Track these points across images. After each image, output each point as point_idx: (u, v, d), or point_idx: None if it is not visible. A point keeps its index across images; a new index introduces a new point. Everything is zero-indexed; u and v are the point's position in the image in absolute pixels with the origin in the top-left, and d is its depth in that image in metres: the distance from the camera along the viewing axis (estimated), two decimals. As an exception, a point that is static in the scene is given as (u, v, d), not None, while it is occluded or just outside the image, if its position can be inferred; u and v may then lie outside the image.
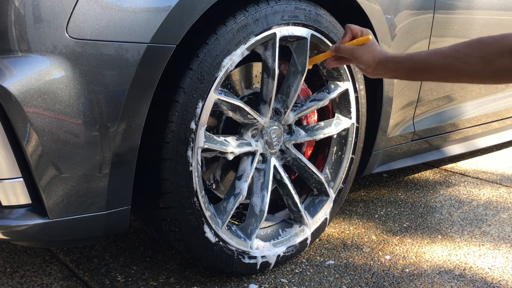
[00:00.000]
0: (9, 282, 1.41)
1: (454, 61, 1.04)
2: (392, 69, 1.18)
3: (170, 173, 1.20)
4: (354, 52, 1.20)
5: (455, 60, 1.04)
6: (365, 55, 1.19)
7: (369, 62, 1.19)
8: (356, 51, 1.20)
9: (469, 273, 1.52)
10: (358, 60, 1.21)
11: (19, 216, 1.06)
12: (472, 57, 1.01)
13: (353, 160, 1.65)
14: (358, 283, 1.46)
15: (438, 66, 1.07)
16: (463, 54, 1.02)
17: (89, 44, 1.01)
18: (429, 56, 1.09)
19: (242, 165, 1.41)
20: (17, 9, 0.95)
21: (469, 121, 2.17)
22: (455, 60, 1.04)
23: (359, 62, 1.21)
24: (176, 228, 1.26)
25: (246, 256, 1.41)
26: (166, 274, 1.47)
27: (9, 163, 1.02)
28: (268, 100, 1.37)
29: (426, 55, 1.10)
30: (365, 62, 1.19)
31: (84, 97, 1.02)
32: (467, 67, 1.02)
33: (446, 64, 1.05)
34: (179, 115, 1.18)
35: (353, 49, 1.21)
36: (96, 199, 1.11)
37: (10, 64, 0.96)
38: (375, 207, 2.00)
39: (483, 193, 2.18)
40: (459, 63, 1.03)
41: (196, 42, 1.20)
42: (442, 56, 1.06)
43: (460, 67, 1.03)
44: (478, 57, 1.00)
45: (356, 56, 1.20)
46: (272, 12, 1.29)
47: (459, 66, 1.03)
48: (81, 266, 1.50)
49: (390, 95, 1.67)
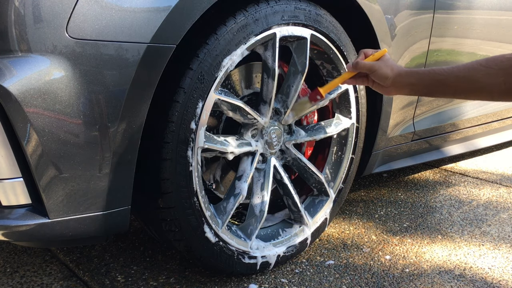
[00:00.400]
0: (9, 282, 1.41)
1: (476, 73, 1.04)
2: (410, 82, 1.16)
3: (170, 173, 1.20)
4: (372, 66, 1.21)
5: (477, 73, 1.04)
6: (382, 68, 1.19)
7: (387, 74, 1.18)
8: (374, 65, 1.20)
9: (469, 273, 1.52)
10: (376, 74, 1.20)
11: (19, 216, 1.06)
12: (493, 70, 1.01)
13: (353, 160, 1.65)
14: (358, 283, 1.46)
15: (459, 78, 1.06)
16: (485, 67, 1.03)
17: (89, 44, 1.01)
18: (451, 69, 1.09)
19: (242, 165, 1.41)
20: (17, 9, 0.95)
21: (469, 121, 2.17)
22: (477, 72, 1.04)
23: (377, 76, 1.21)
24: (176, 228, 1.26)
25: (246, 256, 1.41)
26: (166, 274, 1.47)
27: (9, 163, 1.02)
28: (268, 100, 1.37)
29: (447, 68, 1.10)
30: (383, 75, 1.19)
31: (84, 97, 1.02)
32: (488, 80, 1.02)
33: (468, 76, 1.05)
34: (179, 115, 1.18)
35: (372, 63, 1.21)
36: (96, 199, 1.11)
37: (10, 64, 0.96)
38: (375, 207, 2.00)
39: (483, 193, 2.18)
40: (481, 76, 1.03)
41: (196, 42, 1.20)
42: (464, 68, 1.06)
43: (481, 80, 1.03)
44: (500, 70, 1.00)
45: (374, 70, 1.20)
46: (272, 12, 1.29)
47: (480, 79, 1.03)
48: (81, 266, 1.50)
49: (390, 95, 1.67)
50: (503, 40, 2.14)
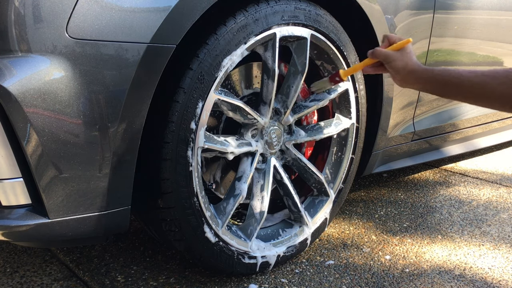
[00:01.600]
0: (9, 282, 1.41)
1: (491, 80, 1.04)
2: (424, 80, 1.15)
3: (170, 173, 1.20)
4: (388, 56, 1.20)
5: (492, 80, 1.04)
6: (398, 61, 1.18)
7: (399, 69, 1.18)
8: (390, 56, 1.20)
9: (469, 273, 1.52)
10: (390, 65, 1.20)
11: (19, 216, 1.06)
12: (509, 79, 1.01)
13: (353, 160, 1.65)
14: (358, 283, 1.46)
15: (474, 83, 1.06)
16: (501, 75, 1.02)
17: (89, 44, 1.01)
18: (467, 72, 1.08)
19: (242, 166, 1.41)
20: (17, 9, 0.95)
21: (469, 121, 2.17)
22: (492, 79, 1.03)
23: (391, 68, 1.20)
24: (176, 228, 1.26)
25: (246, 256, 1.41)
26: (166, 274, 1.47)
27: (9, 163, 1.02)
28: (268, 100, 1.37)
29: (463, 71, 1.09)
30: (396, 68, 1.19)
31: (84, 97, 1.02)
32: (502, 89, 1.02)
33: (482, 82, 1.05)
34: (179, 115, 1.18)
35: (388, 53, 1.20)
36: (96, 199, 1.11)
37: (10, 64, 0.96)
38: (375, 207, 2.00)
39: (483, 193, 2.18)
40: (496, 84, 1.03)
41: (196, 42, 1.20)
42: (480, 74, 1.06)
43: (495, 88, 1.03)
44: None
45: (389, 61, 1.20)
46: (272, 12, 1.29)
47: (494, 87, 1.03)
48: (81, 266, 1.50)
49: (390, 95, 1.67)
50: (503, 40, 2.15)
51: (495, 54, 2.16)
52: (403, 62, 1.18)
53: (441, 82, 1.12)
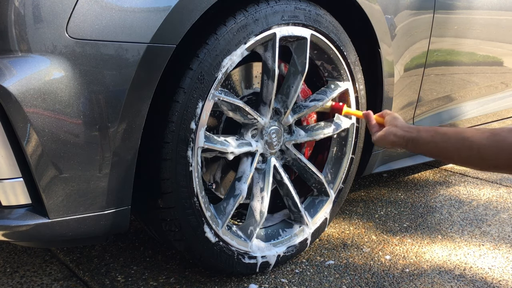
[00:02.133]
0: (9, 282, 1.41)
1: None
2: (438, 145, 1.10)
3: (170, 173, 1.20)
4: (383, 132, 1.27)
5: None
6: (389, 136, 1.24)
7: (394, 142, 1.23)
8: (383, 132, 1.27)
9: (469, 273, 1.52)
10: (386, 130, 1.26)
11: (19, 216, 1.06)
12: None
13: (353, 160, 1.65)
14: (358, 283, 1.46)
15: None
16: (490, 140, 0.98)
17: (89, 44, 1.01)
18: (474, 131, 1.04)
19: (242, 167, 1.41)
20: (17, 9, 0.95)
21: (469, 121, 2.17)
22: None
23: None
24: (176, 228, 1.26)
25: (246, 256, 1.41)
26: (166, 274, 1.47)
27: (9, 163, 1.02)
28: (268, 100, 1.37)
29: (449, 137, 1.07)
30: (391, 142, 1.24)
31: (84, 97, 1.02)
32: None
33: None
34: (179, 115, 1.18)
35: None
36: (96, 199, 1.11)
37: (10, 64, 0.96)
38: (375, 207, 2.00)
39: (483, 193, 2.18)
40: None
41: (196, 42, 1.20)
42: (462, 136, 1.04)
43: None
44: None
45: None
46: (272, 12, 1.29)
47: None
48: (81, 266, 1.50)
49: (390, 95, 1.67)
50: (503, 40, 2.15)
51: (495, 54, 2.16)
52: (391, 135, 1.23)
53: (457, 146, 1.08)
